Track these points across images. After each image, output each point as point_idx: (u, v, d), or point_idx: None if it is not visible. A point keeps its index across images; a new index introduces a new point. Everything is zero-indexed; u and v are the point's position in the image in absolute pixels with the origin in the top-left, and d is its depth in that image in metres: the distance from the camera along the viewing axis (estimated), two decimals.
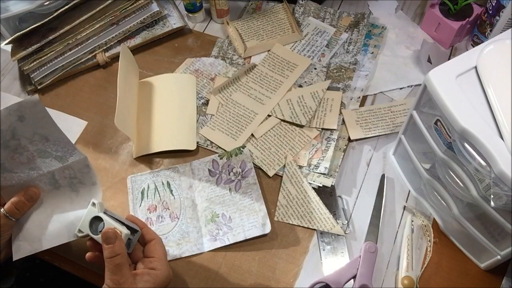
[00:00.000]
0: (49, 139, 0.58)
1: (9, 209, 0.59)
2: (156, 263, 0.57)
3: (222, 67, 0.87)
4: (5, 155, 0.57)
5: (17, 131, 0.56)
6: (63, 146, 0.59)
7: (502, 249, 0.59)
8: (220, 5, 0.90)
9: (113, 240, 0.55)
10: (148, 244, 0.59)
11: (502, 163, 0.49)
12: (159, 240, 0.60)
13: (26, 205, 0.60)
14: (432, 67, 0.57)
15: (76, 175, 0.62)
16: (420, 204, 0.71)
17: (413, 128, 0.66)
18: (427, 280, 0.66)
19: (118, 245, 0.55)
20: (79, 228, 0.58)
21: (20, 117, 0.56)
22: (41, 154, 0.59)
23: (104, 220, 0.57)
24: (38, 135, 0.57)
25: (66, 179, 0.62)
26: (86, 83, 0.88)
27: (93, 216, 0.58)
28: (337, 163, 0.75)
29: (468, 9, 0.84)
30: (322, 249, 0.68)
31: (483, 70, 0.55)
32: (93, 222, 0.58)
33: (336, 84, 0.83)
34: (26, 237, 0.61)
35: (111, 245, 0.55)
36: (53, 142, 0.58)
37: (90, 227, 0.58)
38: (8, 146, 0.57)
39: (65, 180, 0.62)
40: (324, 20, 0.92)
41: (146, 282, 0.54)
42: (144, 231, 0.60)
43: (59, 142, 0.58)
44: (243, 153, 0.75)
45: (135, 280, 0.54)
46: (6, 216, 0.59)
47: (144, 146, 0.78)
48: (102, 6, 0.84)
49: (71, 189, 0.62)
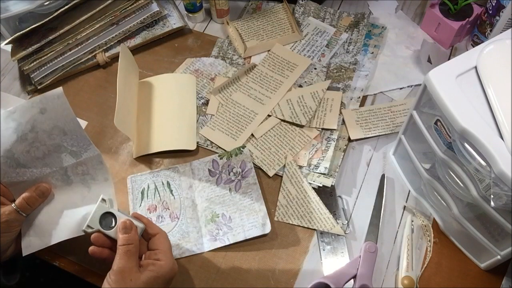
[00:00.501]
0: (67, 133, 0.59)
1: (20, 205, 0.60)
2: (160, 255, 0.58)
3: (222, 67, 0.87)
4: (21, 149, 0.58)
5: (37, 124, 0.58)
6: (79, 141, 0.60)
7: (502, 249, 0.59)
8: (220, 5, 0.90)
9: (129, 230, 0.58)
10: (152, 238, 0.61)
11: (502, 163, 0.49)
12: (164, 234, 0.61)
13: (37, 200, 0.61)
14: (432, 67, 0.57)
15: (89, 171, 0.63)
16: (420, 204, 0.71)
17: (413, 128, 0.66)
18: (427, 280, 0.66)
19: (133, 235, 0.58)
20: (88, 224, 0.59)
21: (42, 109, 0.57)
22: (57, 149, 0.60)
23: (117, 215, 0.59)
24: (57, 128, 0.59)
25: (79, 176, 0.63)
26: (86, 83, 0.88)
27: (104, 212, 0.59)
28: (337, 163, 0.75)
29: (468, 9, 0.84)
30: (322, 249, 0.68)
31: (483, 70, 0.55)
32: (104, 217, 0.59)
33: (336, 84, 0.83)
34: (37, 232, 0.62)
35: (127, 234, 0.58)
36: (70, 136, 0.60)
37: (100, 222, 0.59)
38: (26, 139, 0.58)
39: (78, 176, 0.63)
40: (324, 20, 0.92)
41: (150, 272, 0.56)
42: (148, 227, 0.61)
43: (76, 136, 0.60)
44: (243, 153, 0.75)
45: (140, 269, 0.56)
46: (17, 211, 0.60)
47: (144, 146, 0.78)
48: (102, 6, 0.84)
49: (83, 185, 0.63)
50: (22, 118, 0.57)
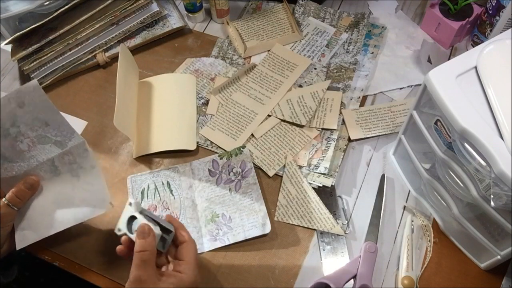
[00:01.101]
0: (49, 124, 0.59)
1: (11, 198, 0.60)
2: (184, 266, 0.56)
3: (222, 67, 0.87)
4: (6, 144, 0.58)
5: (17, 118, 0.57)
6: (62, 130, 0.59)
7: (502, 249, 0.59)
8: (220, 5, 0.90)
9: (146, 235, 0.55)
10: (180, 246, 0.58)
11: (502, 163, 0.49)
12: (191, 243, 0.58)
13: (27, 193, 0.61)
14: (432, 67, 0.57)
15: (76, 160, 0.62)
16: (420, 204, 0.71)
17: (413, 128, 0.66)
18: (427, 280, 0.66)
19: (149, 241, 0.54)
20: (119, 227, 0.58)
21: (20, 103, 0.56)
22: (41, 140, 0.60)
23: (139, 220, 0.57)
24: (38, 120, 0.58)
25: (66, 165, 0.63)
26: (86, 83, 0.88)
27: (130, 215, 0.58)
28: (337, 163, 0.75)
29: (468, 9, 0.84)
30: (322, 249, 0.68)
31: (483, 70, 0.55)
32: (130, 221, 0.58)
33: (336, 84, 0.83)
34: (31, 225, 0.62)
35: (143, 240, 0.54)
36: (52, 127, 0.59)
37: (127, 226, 0.58)
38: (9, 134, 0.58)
39: (65, 166, 0.63)
40: (324, 20, 0.92)
41: (169, 284, 0.53)
42: (177, 233, 0.59)
43: (59, 126, 0.59)
44: (243, 153, 0.75)
45: (160, 280, 0.54)
46: (8, 205, 0.60)
47: (144, 146, 0.78)
48: (102, 6, 0.84)
49: (72, 174, 0.63)
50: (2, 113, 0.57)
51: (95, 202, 0.63)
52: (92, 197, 0.63)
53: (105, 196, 0.63)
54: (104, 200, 0.63)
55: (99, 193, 0.63)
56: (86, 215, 0.63)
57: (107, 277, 0.68)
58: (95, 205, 0.63)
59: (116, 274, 0.68)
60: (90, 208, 0.63)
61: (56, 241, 0.70)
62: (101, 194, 0.63)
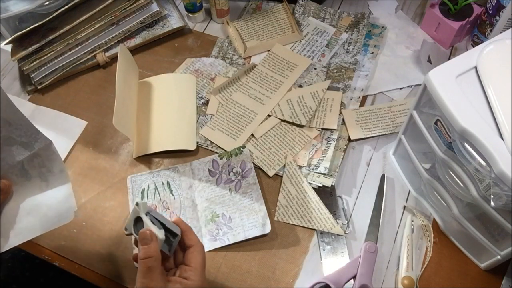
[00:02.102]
0: (11, 124, 0.56)
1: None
2: (190, 272, 0.54)
3: (222, 67, 0.87)
4: None
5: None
6: (26, 131, 0.57)
7: (502, 249, 0.59)
8: (220, 5, 0.90)
9: (148, 241, 0.53)
10: (187, 251, 0.56)
11: (502, 163, 0.49)
12: (198, 247, 0.56)
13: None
14: (432, 67, 0.57)
15: (44, 164, 0.60)
16: (420, 204, 0.71)
17: (413, 128, 0.66)
18: (427, 280, 0.66)
19: (152, 247, 0.53)
20: (126, 226, 0.57)
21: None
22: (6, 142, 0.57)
23: (144, 222, 0.56)
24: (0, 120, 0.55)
25: (36, 169, 0.60)
26: (86, 83, 0.88)
27: (136, 217, 0.56)
28: (337, 163, 0.75)
29: (468, 9, 0.84)
30: (322, 249, 0.68)
31: (483, 70, 0.55)
32: (137, 222, 0.56)
33: (336, 84, 0.83)
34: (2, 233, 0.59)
35: (146, 246, 0.53)
36: (15, 126, 0.57)
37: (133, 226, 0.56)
38: None
39: (35, 170, 0.60)
40: (324, 20, 0.92)
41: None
42: (184, 236, 0.56)
43: (22, 126, 0.57)
44: (243, 153, 0.75)
45: (166, 286, 0.52)
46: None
47: (144, 146, 0.78)
48: (102, 6, 0.84)
49: (41, 178, 0.60)
50: None
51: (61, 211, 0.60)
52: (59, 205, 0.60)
53: (72, 204, 0.60)
54: (70, 207, 0.60)
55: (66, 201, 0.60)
56: (54, 223, 0.60)
57: (107, 277, 0.68)
58: (61, 213, 0.60)
59: (116, 274, 0.68)
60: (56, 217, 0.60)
61: (56, 241, 0.70)
62: (67, 202, 0.60)
